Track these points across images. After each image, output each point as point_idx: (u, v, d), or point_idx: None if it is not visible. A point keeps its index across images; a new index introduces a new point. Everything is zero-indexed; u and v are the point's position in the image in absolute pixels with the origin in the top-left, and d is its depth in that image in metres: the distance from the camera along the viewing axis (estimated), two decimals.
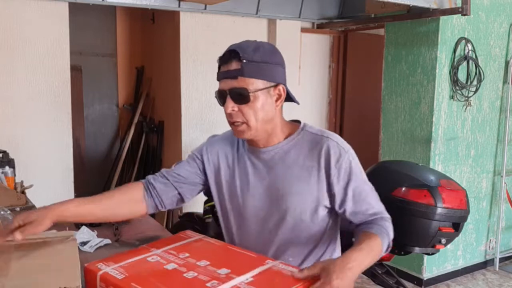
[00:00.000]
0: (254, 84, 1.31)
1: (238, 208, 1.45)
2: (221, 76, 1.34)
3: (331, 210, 1.42)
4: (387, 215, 1.41)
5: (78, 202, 1.35)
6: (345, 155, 1.38)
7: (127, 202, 1.42)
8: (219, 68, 1.35)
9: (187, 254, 1.29)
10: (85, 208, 1.34)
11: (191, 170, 1.49)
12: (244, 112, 1.32)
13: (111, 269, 1.19)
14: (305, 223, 1.39)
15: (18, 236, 1.18)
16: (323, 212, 1.40)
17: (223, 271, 1.18)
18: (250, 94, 1.30)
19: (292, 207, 1.37)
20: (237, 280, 1.13)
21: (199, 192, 1.53)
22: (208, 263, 1.24)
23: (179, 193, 1.47)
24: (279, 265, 1.22)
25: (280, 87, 1.36)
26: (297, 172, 1.37)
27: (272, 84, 1.34)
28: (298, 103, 1.43)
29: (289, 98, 1.41)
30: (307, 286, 1.14)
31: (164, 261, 1.25)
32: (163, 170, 1.50)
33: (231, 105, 1.32)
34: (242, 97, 1.30)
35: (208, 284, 1.12)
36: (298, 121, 1.48)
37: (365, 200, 1.39)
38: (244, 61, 1.29)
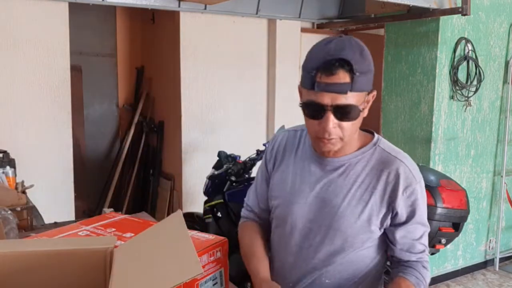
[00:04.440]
0: (362, 97, 1.15)
1: (283, 211, 1.35)
2: (322, 88, 1.11)
3: (380, 245, 1.31)
4: (426, 259, 1.30)
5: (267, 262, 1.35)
6: (415, 186, 1.25)
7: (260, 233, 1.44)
8: (315, 75, 1.12)
9: (113, 229, 1.43)
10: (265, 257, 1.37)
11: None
12: (345, 128, 1.16)
13: None
14: (351, 248, 1.26)
15: None
16: (371, 243, 1.28)
17: None
18: (361, 110, 1.16)
19: (342, 227, 1.24)
20: None
21: None
22: (133, 234, 1.38)
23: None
24: (196, 234, 1.41)
25: (374, 92, 1.21)
26: (358, 191, 1.23)
27: (368, 92, 1.19)
28: None
29: None
30: (215, 247, 1.30)
31: (94, 234, 1.39)
32: (253, 208, 1.47)
33: (333, 122, 1.14)
34: (351, 114, 1.14)
35: None
36: (370, 132, 1.34)
37: (416, 240, 1.28)
38: (357, 73, 1.09)
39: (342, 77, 1.09)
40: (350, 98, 1.12)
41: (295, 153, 1.35)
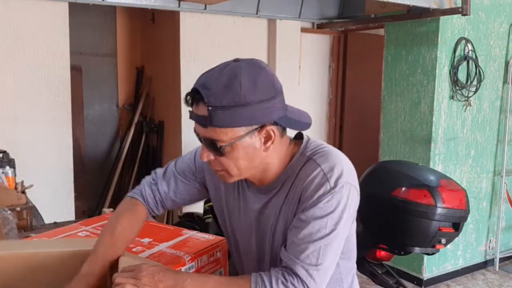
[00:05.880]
0: (229, 134, 1.03)
1: (233, 238, 1.31)
2: (191, 117, 1.08)
3: None
4: (301, 278, 1.04)
5: (116, 251, 1.18)
6: (325, 188, 1.07)
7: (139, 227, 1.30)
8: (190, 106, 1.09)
9: None
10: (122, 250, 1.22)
11: (190, 188, 1.32)
12: (222, 163, 1.08)
13: None
14: None
15: None
16: None
17: (146, 240, 1.41)
18: (224, 147, 1.04)
19: (276, 249, 1.17)
20: (160, 247, 1.36)
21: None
22: None
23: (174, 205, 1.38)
24: (196, 234, 1.49)
25: (268, 128, 1.06)
26: (285, 209, 1.14)
27: (255, 127, 1.04)
28: (305, 129, 1.14)
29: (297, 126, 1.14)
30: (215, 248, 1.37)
31: (93, 235, 1.43)
32: (162, 193, 1.31)
33: (205, 154, 1.09)
34: (214, 149, 1.06)
35: (134, 250, 1.32)
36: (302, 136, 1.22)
37: (296, 240, 1.07)
38: (211, 108, 1.00)
39: (202, 109, 1.03)
40: (211, 133, 1.03)
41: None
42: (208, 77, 1.05)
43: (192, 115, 1.07)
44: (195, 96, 1.04)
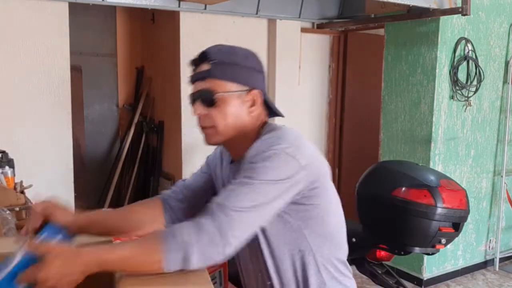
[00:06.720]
0: (223, 87, 1.22)
1: None
2: (191, 79, 1.27)
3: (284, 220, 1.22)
4: (216, 211, 1.08)
5: (93, 212, 1.34)
6: (257, 152, 1.15)
7: (147, 217, 1.39)
8: (192, 71, 1.28)
9: None
10: (99, 216, 1.35)
11: (205, 185, 1.43)
12: (213, 116, 1.23)
13: None
14: (267, 238, 1.24)
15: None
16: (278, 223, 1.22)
17: None
18: (218, 95, 1.21)
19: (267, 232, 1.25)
20: None
21: None
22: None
23: (197, 209, 1.38)
24: None
25: (255, 91, 1.25)
26: None
27: (245, 88, 1.23)
28: (281, 116, 1.32)
29: (273, 111, 1.31)
30: None
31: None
32: (179, 185, 1.44)
33: (199, 108, 1.24)
34: (209, 99, 1.22)
35: None
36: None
37: (231, 194, 1.11)
38: (213, 62, 1.22)
39: (203, 67, 1.23)
40: (208, 84, 1.22)
41: (221, 165, 1.40)
42: (211, 46, 1.26)
43: (193, 76, 1.26)
44: (201, 56, 1.24)
